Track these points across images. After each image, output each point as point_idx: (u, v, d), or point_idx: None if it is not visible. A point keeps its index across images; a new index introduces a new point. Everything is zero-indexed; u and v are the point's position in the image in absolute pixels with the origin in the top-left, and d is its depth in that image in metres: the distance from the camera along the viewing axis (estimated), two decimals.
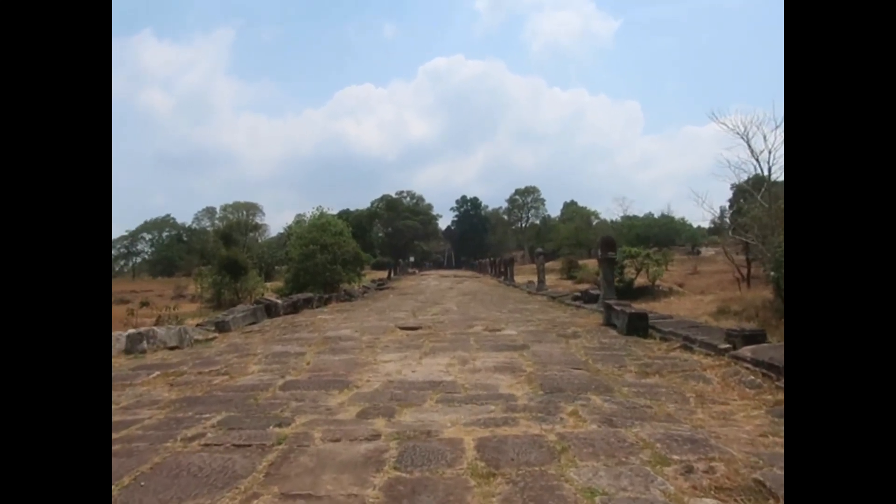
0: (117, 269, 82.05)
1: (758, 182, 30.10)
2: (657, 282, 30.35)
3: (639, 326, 7.65)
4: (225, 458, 2.95)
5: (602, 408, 3.98)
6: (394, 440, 3.21)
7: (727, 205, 55.87)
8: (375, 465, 2.83)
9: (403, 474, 2.71)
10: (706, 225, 65.88)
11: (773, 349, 5.48)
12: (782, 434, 3.33)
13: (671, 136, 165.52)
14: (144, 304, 12.62)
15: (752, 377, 4.87)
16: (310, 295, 15.86)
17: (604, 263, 11.76)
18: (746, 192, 33.45)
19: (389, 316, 11.25)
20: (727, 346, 5.85)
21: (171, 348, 7.70)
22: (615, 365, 5.70)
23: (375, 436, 3.29)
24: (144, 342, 7.59)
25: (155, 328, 8.01)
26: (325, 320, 10.61)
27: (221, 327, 9.88)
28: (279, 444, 3.17)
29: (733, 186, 45.07)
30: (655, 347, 6.75)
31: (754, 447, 3.08)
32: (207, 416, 3.80)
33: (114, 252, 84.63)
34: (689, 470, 2.69)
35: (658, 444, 3.05)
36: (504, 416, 3.74)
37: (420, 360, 5.96)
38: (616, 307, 8.42)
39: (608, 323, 8.61)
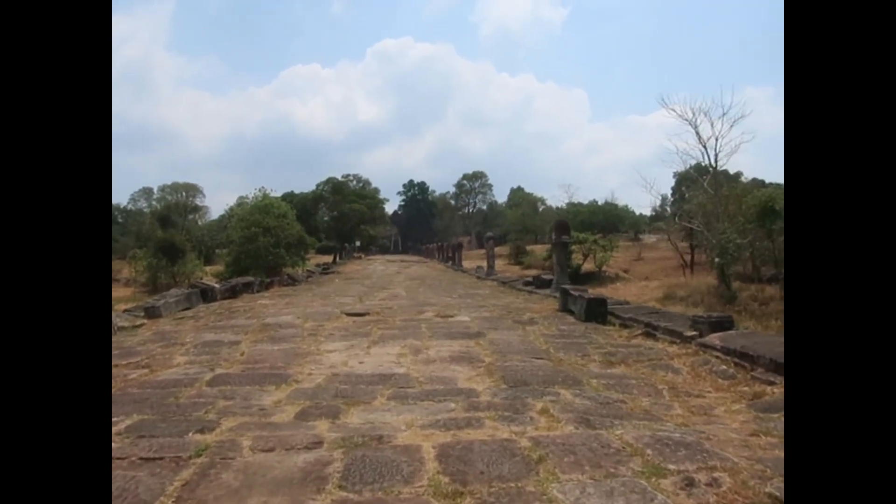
0: None
1: (701, 170, 30.65)
2: (604, 268, 30.68)
3: (597, 312, 7.33)
4: (127, 476, 2.35)
5: (574, 404, 3.56)
6: (339, 448, 2.68)
7: (669, 193, 57.18)
8: (316, 482, 2.30)
9: (350, 495, 2.19)
10: (648, 212, 67.56)
11: (743, 336, 5.20)
12: (773, 433, 3.00)
13: (617, 124, 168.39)
14: None
15: (724, 367, 4.58)
16: (250, 279, 15.04)
17: (557, 247, 11.46)
18: (689, 181, 34.14)
19: (335, 301, 10.64)
20: (693, 333, 5.56)
21: None
22: (578, 353, 5.33)
23: (317, 443, 2.76)
24: None
25: None
26: (266, 305, 9.93)
27: (151, 313, 9.09)
28: (198, 455, 2.59)
29: (676, 175, 46.07)
30: (616, 334, 6.43)
31: (751, 451, 2.70)
32: (115, 419, 3.18)
33: None
34: (689, 483, 2.27)
35: (648, 451, 2.62)
36: (466, 415, 3.27)
37: (368, 350, 5.44)
38: (573, 292, 8.08)
39: (565, 308, 8.26)
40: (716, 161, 20.50)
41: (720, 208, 19.81)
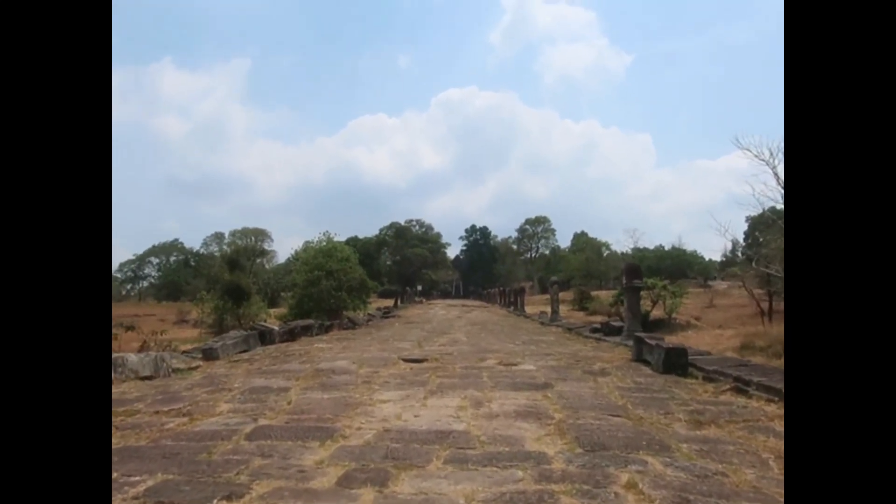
0: (123, 292, 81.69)
1: (777, 213, 29.20)
2: (674, 315, 29.36)
3: (677, 364, 6.65)
4: None
5: (665, 476, 2.98)
6: None
7: (742, 238, 55.04)
8: None
9: None
10: (718, 258, 65.12)
11: None
12: None
13: (683, 169, 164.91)
14: (130, 328, 11.66)
15: None
16: (310, 322, 14.92)
17: (628, 292, 10.76)
18: (763, 225, 32.62)
19: (392, 346, 10.26)
20: None
21: (144, 378, 6.75)
22: (660, 411, 4.71)
23: None
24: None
25: (126, 355, 7.06)
26: (322, 349, 9.63)
27: (208, 355, 8.94)
28: None
29: (748, 219, 44.22)
30: (700, 389, 5.73)
31: None
32: (137, 478, 2.82)
33: (120, 276, 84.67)
34: None
35: None
36: (537, 488, 2.75)
37: (425, 401, 4.97)
38: (649, 341, 7.42)
39: (639, 358, 7.59)
40: None
41: None
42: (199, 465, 3.08)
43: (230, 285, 29.24)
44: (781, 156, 19.76)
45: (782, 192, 19.14)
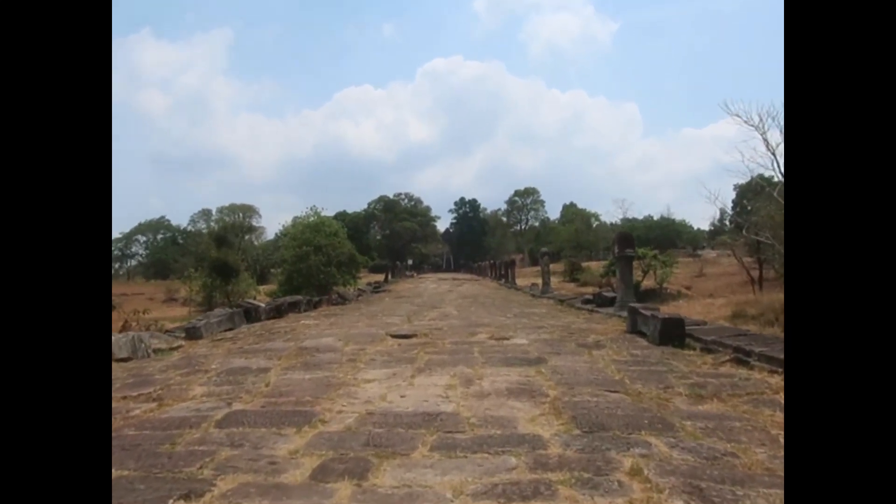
0: (111, 271, 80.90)
1: (765, 181, 29.00)
2: (664, 284, 29.27)
3: (674, 334, 6.42)
4: None
5: (672, 460, 2.74)
6: None
7: (730, 206, 55.04)
8: None
9: None
10: (707, 227, 65.16)
11: None
12: None
13: (670, 138, 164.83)
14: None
15: None
16: (298, 298, 14.62)
17: (621, 262, 10.52)
18: (752, 192, 32.44)
19: (381, 321, 9.99)
20: None
21: (120, 360, 6.45)
22: (659, 385, 4.48)
23: None
24: None
25: None
26: (308, 326, 9.35)
27: (192, 334, 8.65)
28: None
29: (737, 187, 44.04)
30: (699, 361, 5.51)
31: None
32: None
33: None
34: None
35: None
36: (532, 477, 2.49)
37: (412, 380, 4.71)
38: (644, 312, 7.18)
39: (634, 330, 7.36)
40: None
41: None
42: (159, 459, 2.79)
43: (217, 262, 28.86)
44: (770, 121, 19.50)
45: (772, 157, 18.91)
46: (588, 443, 2.98)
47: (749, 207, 34.06)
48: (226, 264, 28.68)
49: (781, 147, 18.32)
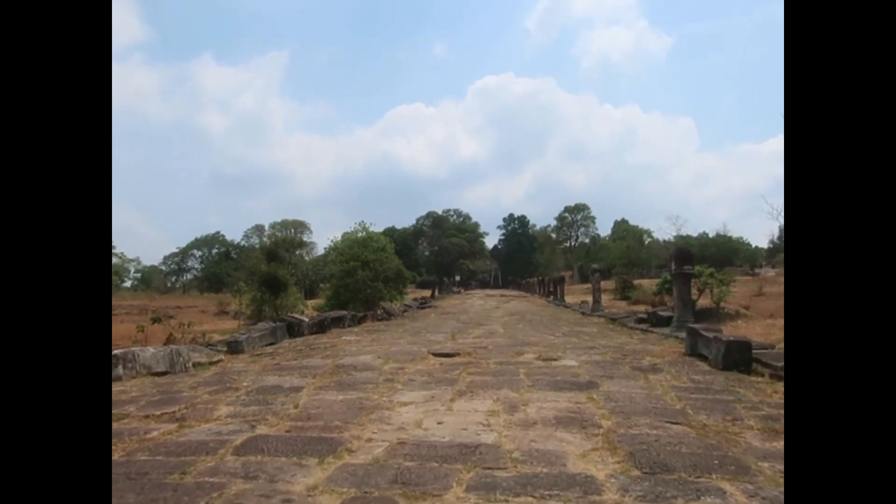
0: (168, 284, 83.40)
1: None
2: (722, 304, 28.08)
3: (739, 359, 5.87)
4: None
5: None
6: None
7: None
8: None
9: None
10: (764, 245, 62.80)
11: None
12: None
13: (727, 153, 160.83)
14: (156, 320, 11.32)
15: None
16: (342, 313, 14.46)
17: (678, 279, 9.93)
18: None
19: (424, 338, 9.67)
20: None
21: (157, 374, 6.33)
22: (726, 417, 4.01)
23: None
24: (120, 367, 6.21)
25: (136, 349, 6.62)
26: (349, 342, 9.11)
27: (233, 348, 8.53)
28: None
29: None
30: (769, 389, 4.98)
31: None
32: None
33: (165, 268, 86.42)
34: None
35: None
36: None
37: (451, 404, 4.36)
38: (705, 333, 6.65)
39: (694, 353, 6.83)
40: None
41: None
42: (163, 492, 2.50)
43: (267, 277, 29.18)
44: None
45: None
46: (650, 487, 2.56)
47: None
48: (275, 279, 28.95)
49: None
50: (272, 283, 28.98)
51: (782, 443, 3.44)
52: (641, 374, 5.69)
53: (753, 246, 66.35)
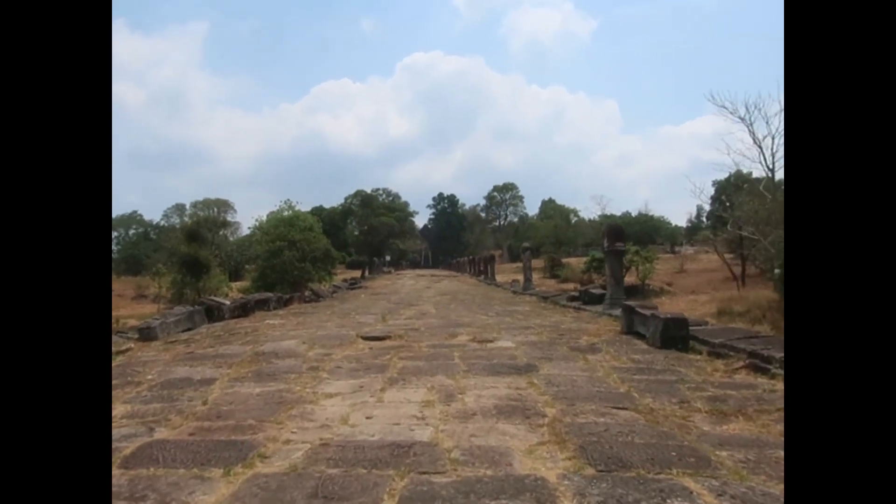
0: None
1: (742, 178, 28.82)
2: (646, 281, 28.84)
3: (677, 336, 5.75)
4: None
5: None
6: None
7: (708, 203, 55.11)
8: None
9: None
10: (683, 224, 65.34)
11: None
12: None
13: (649, 135, 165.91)
14: None
15: None
16: (268, 295, 13.75)
17: (610, 257, 9.85)
18: (733, 189, 32.24)
19: (353, 321, 9.22)
20: None
21: None
22: (672, 399, 3.82)
23: None
24: None
25: None
26: (273, 326, 8.55)
27: (145, 335, 7.80)
28: None
29: (715, 183, 43.90)
30: (709, 367, 4.86)
31: None
32: None
33: None
34: None
35: None
36: None
37: (382, 394, 3.97)
38: (641, 311, 6.52)
39: (630, 331, 6.70)
40: (773, 163, 18.67)
41: (778, 215, 18.08)
42: None
43: (187, 258, 27.87)
44: (757, 113, 19.16)
45: (759, 150, 18.55)
46: (609, 490, 2.25)
47: (728, 203, 33.93)
48: (196, 260, 27.69)
49: (768, 140, 17.96)
50: (193, 265, 27.72)
51: (733, 426, 3.26)
52: (580, 355, 5.47)
53: (674, 225, 68.82)
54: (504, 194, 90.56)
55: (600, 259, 26.64)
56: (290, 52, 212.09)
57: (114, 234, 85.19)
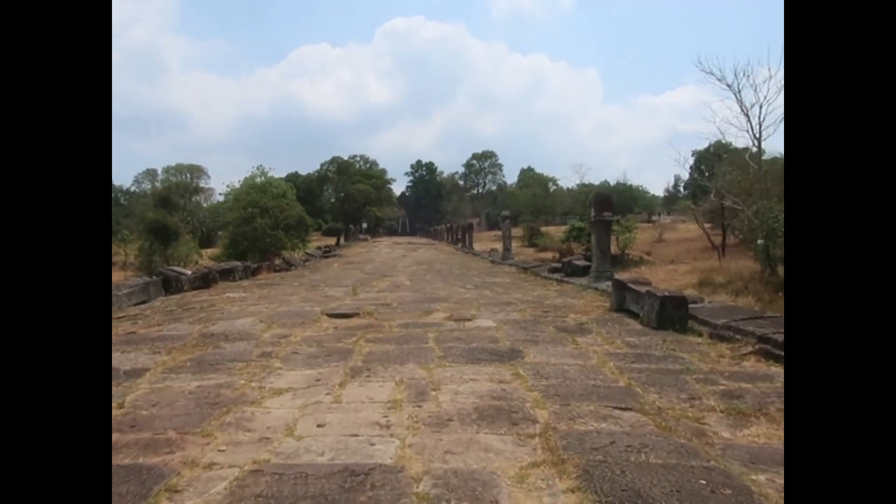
0: None
1: (720, 147, 28.50)
2: (626, 250, 28.52)
3: (675, 316, 5.21)
4: None
5: None
6: None
7: (687, 172, 54.93)
8: None
9: None
10: (660, 194, 65.37)
11: None
12: None
13: (629, 105, 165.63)
14: None
15: None
16: (234, 264, 13.02)
17: (598, 226, 9.26)
18: (713, 158, 31.93)
19: (321, 294, 8.56)
20: None
21: None
22: (680, 394, 3.27)
23: None
24: None
25: None
26: (232, 300, 7.85)
27: None
28: None
29: (695, 153, 43.63)
30: (713, 353, 4.32)
31: None
32: None
33: None
34: None
35: None
36: None
37: (340, 390, 3.34)
38: (634, 287, 5.95)
39: (620, 308, 6.14)
40: (760, 132, 18.20)
41: (768, 184, 17.69)
42: None
43: (156, 224, 26.92)
44: (745, 80, 18.67)
45: (746, 118, 18.06)
46: None
47: (708, 174, 33.71)
48: (164, 227, 26.78)
49: (756, 108, 17.49)
50: (161, 232, 26.85)
51: (755, 431, 2.72)
52: (569, 337, 4.90)
53: (651, 194, 68.76)
54: (483, 162, 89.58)
55: (580, 228, 26.20)
56: (267, 14, 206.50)
57: None
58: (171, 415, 2.88)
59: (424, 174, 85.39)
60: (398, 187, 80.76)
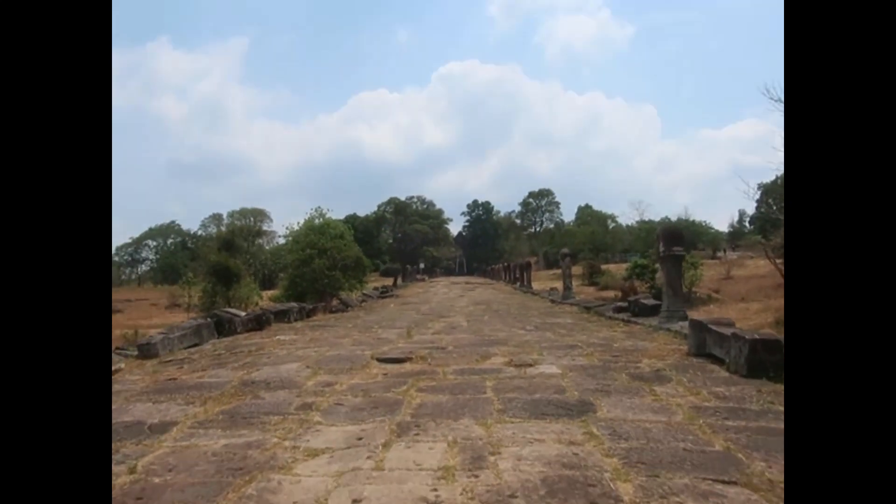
0: (123, 276, 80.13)
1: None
2: (693, 288, 27.26)
3: (768, 363, 4.53)
4: None
5: None
6: None
7: (754, 207, 52.80)
8: None
9: None
10: (724, 229, 63.03)
11: None
12: None
13: (688, 140, 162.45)
14: None
15: None
16: (290, 305, 12.88)
17: (667, 262, 8.59)
18: (776, 192, 30.45)
19: (374, 336, 8.18)
20: None
21: None
22: None
23: None
24: None
25: None
26: (282, 343, 7.55)
27: (145, 352, 6.96)
28: None
29: (761, 186, 41.96)
30: None
31: None
32: None
33: (118, 259, 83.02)
34: None
35: None
36: None
37: (384, 453, 2.88)
38: (716, 328, 5.30)
39: (700, 352, 5.49)
40: None
41: None
42: None
43: (218, 267, 27.45)
44: None
45: None
46: None
47: (774, 206, 32.25)
48: (227, 269, 27.25)
49: None
50: (224, 274, 27.26)
51: None
52: (646, 387, 4.31)
53: (715, 230, 66.58)
54: (540, 200, 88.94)
55: (643, 265, 25.22)
56: (327, 63, 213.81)
57: (153, 243, 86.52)
58: (186, 484, 2.47)
59: (481, 213, 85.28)
60: (455, 227, 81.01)
